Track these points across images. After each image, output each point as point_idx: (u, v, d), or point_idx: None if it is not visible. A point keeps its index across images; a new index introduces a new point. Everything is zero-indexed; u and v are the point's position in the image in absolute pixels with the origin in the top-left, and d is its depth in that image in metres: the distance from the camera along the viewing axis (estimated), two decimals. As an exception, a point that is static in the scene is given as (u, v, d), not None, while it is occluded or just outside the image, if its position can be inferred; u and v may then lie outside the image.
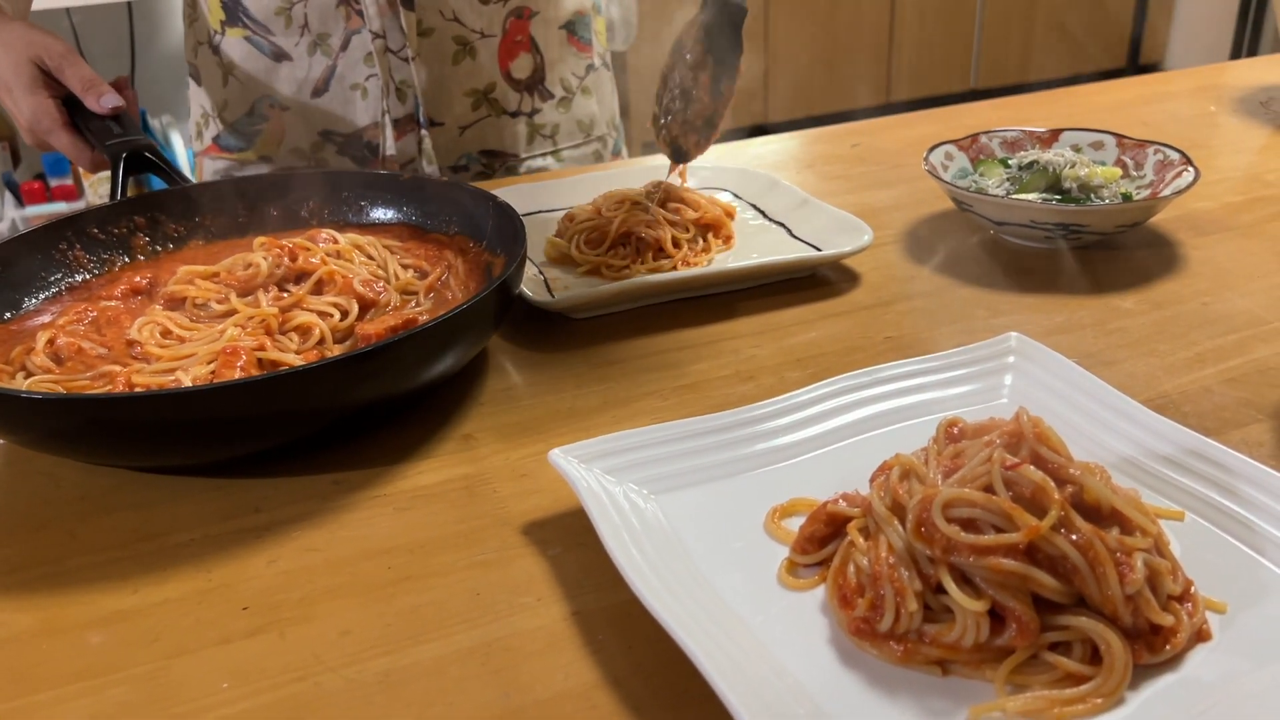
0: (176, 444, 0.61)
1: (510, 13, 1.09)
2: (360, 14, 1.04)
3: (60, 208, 2.82)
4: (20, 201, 2.83)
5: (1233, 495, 0.54)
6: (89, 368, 0.67)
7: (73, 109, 0.92)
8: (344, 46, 1.05)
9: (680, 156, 0.89)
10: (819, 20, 3.97)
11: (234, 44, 1.09)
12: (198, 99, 1.17)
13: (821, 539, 0.52)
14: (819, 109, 4.11)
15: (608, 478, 0.57)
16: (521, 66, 1.11)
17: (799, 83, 4.03)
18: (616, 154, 1.28)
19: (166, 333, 0.70)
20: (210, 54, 1.12)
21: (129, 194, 0.87)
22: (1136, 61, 3.96)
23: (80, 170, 2.62)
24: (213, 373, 0.65)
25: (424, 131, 1.09)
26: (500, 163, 1.16)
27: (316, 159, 1.12)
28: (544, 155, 1.18)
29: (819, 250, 0.88)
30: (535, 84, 1.13)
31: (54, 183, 2.83)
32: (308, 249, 0.75)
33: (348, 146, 1.11)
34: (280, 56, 1.07)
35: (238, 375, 0.64)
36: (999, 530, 0.45)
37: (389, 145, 1.09)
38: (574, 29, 1.16)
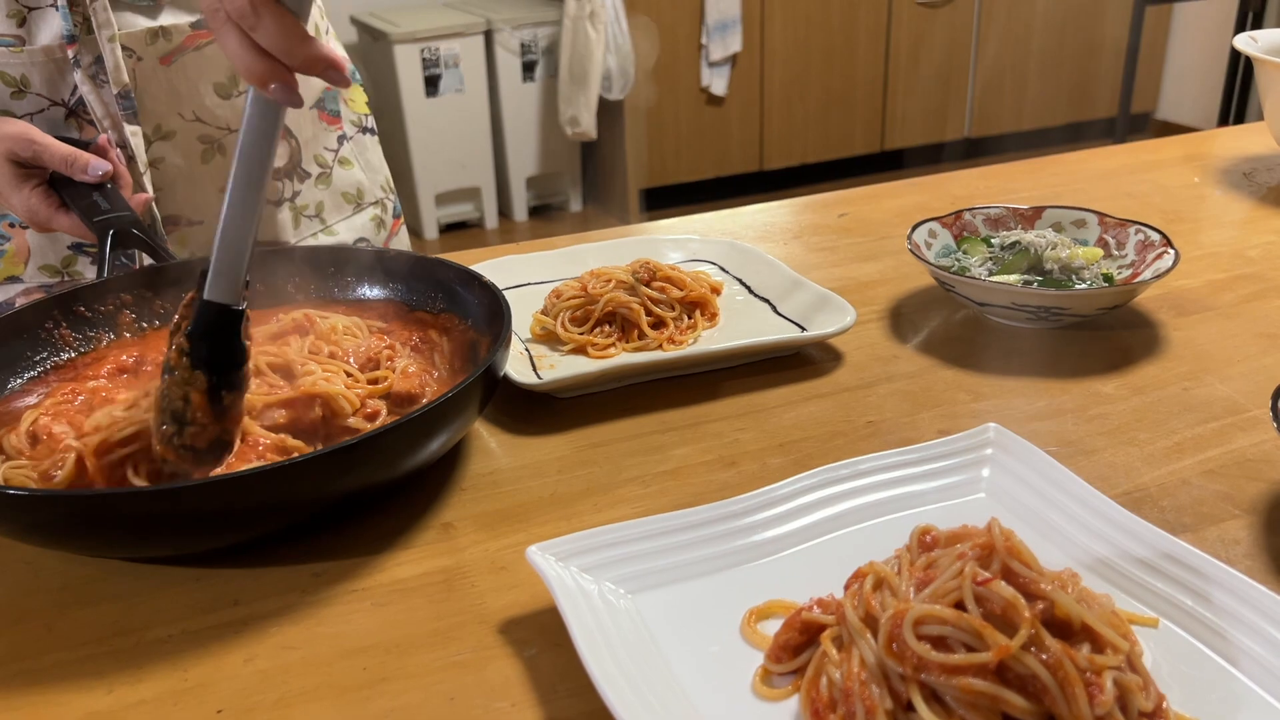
0: (157, 538, 0.61)
1: None
2: (94, 124, 0.96)
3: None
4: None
5: (1206, 602, 0.54)
6: (58, 452, 0.67)
7: (59, 185, 0.92)
8: None
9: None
10: (814, 69, 4.02)
11: None
12: None
13: (796, 647, 0.52)
14: (814, 157, 4.15)
15: (585, 576, 0.58)
16: (278, 155, 1.04)
17: (794, 131, 4.07)
18: (397, 217, 1.22)
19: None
20: None
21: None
22: (1129, 111, 4.00)
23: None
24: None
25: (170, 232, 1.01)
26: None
27: (70, 273, 1.03)
28: (314, 235, 1.12)
29: (803, 329, 0.88)
30: (293, 168, 1.09)
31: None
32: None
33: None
34: None
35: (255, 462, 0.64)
36: (970, 648, 0.46)
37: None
38: (322, 105, 1.13)
